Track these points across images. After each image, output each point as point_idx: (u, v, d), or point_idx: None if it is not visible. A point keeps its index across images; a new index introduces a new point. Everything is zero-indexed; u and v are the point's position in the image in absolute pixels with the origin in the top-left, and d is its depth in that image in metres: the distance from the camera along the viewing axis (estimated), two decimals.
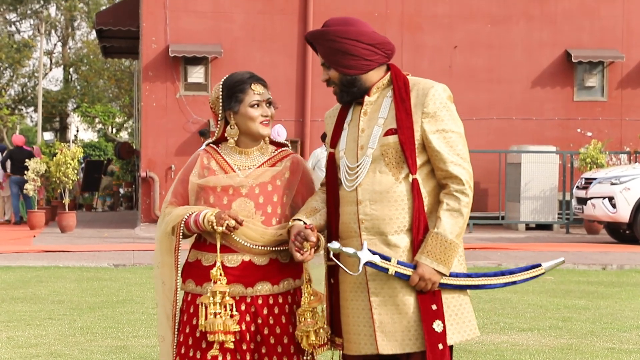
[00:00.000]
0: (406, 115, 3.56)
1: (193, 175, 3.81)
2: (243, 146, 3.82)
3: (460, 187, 3.57)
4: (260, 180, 3.76)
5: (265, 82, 3.84)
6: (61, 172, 17.36)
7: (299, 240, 3.59)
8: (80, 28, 43.40)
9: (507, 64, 19.91)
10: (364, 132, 3.64)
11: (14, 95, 42.09)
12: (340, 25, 3.65)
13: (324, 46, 3.67)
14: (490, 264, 12.79)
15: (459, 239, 3.56)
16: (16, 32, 41.57)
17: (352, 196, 3.63)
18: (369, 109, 3.66)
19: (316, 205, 3.75)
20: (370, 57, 3.63)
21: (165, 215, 3.81)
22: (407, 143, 3.55)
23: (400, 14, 19.69)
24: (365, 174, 3.60)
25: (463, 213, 3.55)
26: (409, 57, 19.48)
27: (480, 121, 19.63)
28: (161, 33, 19.28)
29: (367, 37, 3.64)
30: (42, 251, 14.04)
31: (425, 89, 3.59)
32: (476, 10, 19.82)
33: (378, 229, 3.57)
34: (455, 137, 3.59)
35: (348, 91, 3.66)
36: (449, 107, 3.60)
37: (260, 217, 3.73)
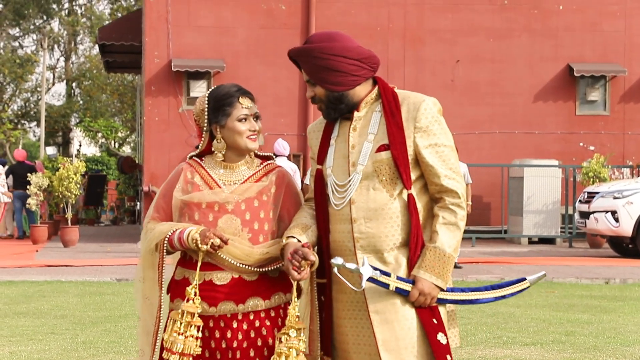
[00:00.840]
0: (398, 130, 3.50)
1: (177, 191, 3.69)
2: (228, 160, 3.72)
3: (456, 201, 3.52)
4: (246, 196, 3.65)
5: (253, 96, 3.74)
6: (64, 187, 17.38)
7: (296, 259, 3.49)
8: (83, 43, 43.55)
9: (510, 78, 19.95)
10: (355, 148, 3.57)
11: (17, 110, 42.19)
12: (324, 42, 3.57)
13: (308, 63, 3.58)
14: (493, 277, 12.77)
15: (455, 252, 3.53)
16: (19, 47, 41.70)
17: (344, 214, 3.56)
18: (358, 125, 3.59)
19: (307, 222, 3.65)
20: (357, 73, 3.56)
21: (147, 231, 3.69)
22: (401, 158, 3.49)
23: (402, 28, 19.73)
24: (354, 191, 3.53)
25: (460, 226, 3.53)
26: (411, 71, 19.52)
27: (483, 135, 19.64)
28: (164, 48, 19.33)
29: (353, 52, 3.56)
30: (44, 266, 14.04)
31: (416, 103, 3.53)
32: (478, 25, 19.87)
33: (374, 246, 3.52)
34: (447, 151, 3.54)
35: (335, 108, 3.58)
36: (440, 121, 3.55)
37: (247, 235, 3.63)
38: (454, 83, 19.77)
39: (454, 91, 19.47)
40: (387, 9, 19.67)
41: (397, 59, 19.58)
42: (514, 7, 19.95)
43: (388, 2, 19.66)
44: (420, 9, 19.80)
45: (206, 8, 19.45)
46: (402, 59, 19.62)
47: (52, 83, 43.71)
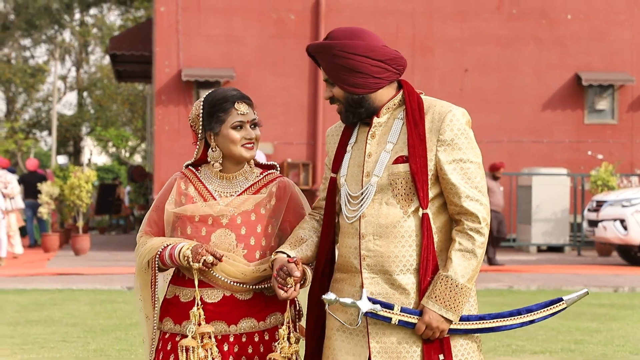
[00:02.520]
0: (419, 142, 3.17)
1: (169, 203, 3.43)
2: (224, 170, 3.45)
3: (476, 226, 3.16)
4: (242, 209, 3.39)
5: (251, 101, 3.46)
6: (75, 196, 17.49)
7: (281, 276, 3.20)
8: (94, 53, 43.72)
9: (517, 86, 20.00)
10: (371, 157, 3.25)
11: (29, 120, 42.37)
12: (346, 39, 3.23)
13: (327, 61, 3.26)
14: (502, 286, 12.81)
15: (471, 282, 3.17)
16: (31, 57, 41.89)
17: (353, 228, 3.24)
18: (377, 132, 3.26)
19: (303, 235, 3.35)
20: (380, 75, 3.23)
21: (139, 246, 3.46)
22: (419, 173, 3.16)
23: (411, 36, 19.81)
24: (368, 204, 3.21)
25: (477, 254, 3.16)
26: (420, 80, 19.59)
27: (491, 143, 19.69)
28: (174, 57, 19.44)
29: (377, 53, 3.22)
30: (56, 274, 14.13)
31: (442, 113, 3.19)
32: (486, 34, 19.93)
33: (382, 266, 3.19)
34: (473, 168, 3.20)
35: (354, 111, 3.26)
36: (468, 134, 3.22)
37: (242, 251, 3.37)
38: (462, 92, 19.83)
39: (462, 100, 19.52)
40: (396, 18, 19.75)
41: (406, 68, 19.64)
42: (522, 16, 20.01)
43: (396, 11, 19.74)
44: (428, 18, 19.88)
45: (216, 18, 19.56)
46: (410, 68, 19.69)
47: (64, 93, 43.89)
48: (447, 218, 3.23)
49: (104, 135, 39.74)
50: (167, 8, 19.52)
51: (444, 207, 3.22)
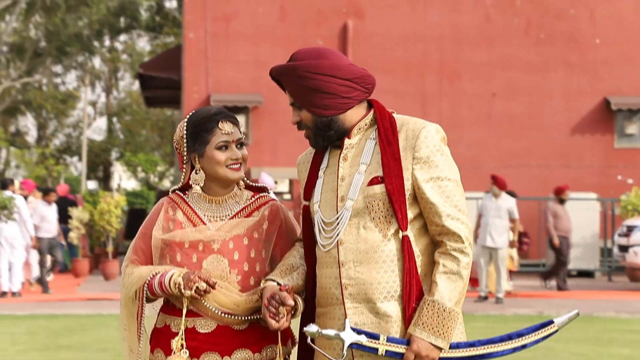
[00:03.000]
0: (394, 161, 3.02)
1: (156, 229, 3.25)
2: (212, 194, 3.26)
3: (459, 246, 3.00)
4: (234, 233, 3.21)
5: (236, 120, 3.29)
6: (105, 221, 17.61)
7: (273, 305, 3.03)
8: (124, 79, 44.13)
9: (546, 111, 19.94)
10: (344, 180, 3.08)
11: (59, 145, 42.77)
12: (310, 59, 3.10)
13: (292, 84, 3.11)
14: (532, 312, 12.73)
15: (458, 306, 3.01)
16: (61, 83, 42.35)
17: (331, 257, 3.06)
18: (349, 153, 3.10)
19: (293, 262, 3.18)
20: (349, 94, 3.07)
21: (125, 275, 3.25)
22: (396, 194, 2.99)
23: (438, 61, 19.83)
24: (343, 230, 3.04)
25: (463, 275, 3.00)
26: (447, 105, 19.59)
27: (520, 168, 19.62)
28: (202, 83, 19.59)
29: (343, 71, 3.07)
30: (86, 299, 14.22)
31: (415, 130, 3.04)
32: (514, 58, 19.92)
33: (365, 295, 3.01)
34: (451, 186, 3.03)
35: (324, 135, 3.10)
36: (444, 151, 3.05)
37: (235, 277, 3.18)
38: (490, 117, 19.80)
39: (490, 125, 19.49)
40: (423, 43, 19.79)
41: (433, 93, 19.67)
42: (550, 40, 19.99)
43: (424, 36, 19.79)
44: (456, 42, 19.90)
45: (244, 44, 19.71)
46: (438, 93, 19.70)
47: (93, 118, 44.31)
48: (429, 240, 3.07)
49: (133, 160, 40.02)
50: (196, 34, 19.70)
51: (425, 229, 3.07)
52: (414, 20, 19.78)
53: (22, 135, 42.70)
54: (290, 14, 19.77)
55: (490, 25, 19.94)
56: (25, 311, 12.71)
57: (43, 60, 37.32)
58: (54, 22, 34.59)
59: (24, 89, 38.54)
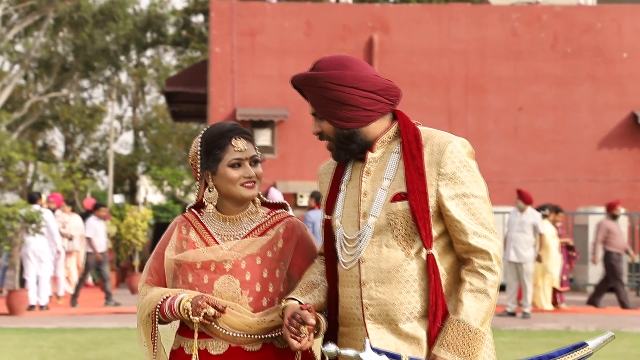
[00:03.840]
0: (418, 176, 2.90)
1: (169, 250, 3.17)
2: (226, 212, 3.16)
3: (487, 263, 2.88)
4: (247, 253, 3.10)
5: (251, 136, 3.17)
6: (131, 234, 17.70)
7: (294, 325, 2.90)
8: (150, 93, 44.41)
9: (573, 125, 19.86)
10: (367, 195, 2.97)
11: (86, 159, 43.07)
12: (333, 69, 2.98)
13: (314, 94, 2.99)
14: (559, 327, 12.65)
15: (484, 325, 2.87)
16: (89, 98, 42.68)
17: (352, 275, 2.95)
18: (372, 168, 2.99)
19: (314, 279, 3.07)
20: (372, 107, 2.95)
21: (140, 296, 3.19)
22: (420, 211, 2.88)
23: (464, 76, 19.82)
24: (365, 248, 2.93)
25: (490, 294, 2.87)
26: (473, 119, 19.56)
27: (547, 182, 19.53)
28: (229, 97, 19.68)
29: (367, 83, 2.96)
30: (113, 313, 14.27)
31: (441, 145, 2.92)
32: (541, 73, 19.87)
33: (386, 315, 2.90)
34: (478, 203, 2.91)
35: (346, 148, 2.99)
36: (470, 167, 2.93)
37: (247, 298, 3.08)
38: (516, 131, 19.74)
39: (517, 139, 19.43)
40: (449, 58, 19.79)
41: (459, 107, 19.64)
42: (577, 55, 19.92)
43: (450, 51, 19.78)
44: (482, 57, 19.88)
45: (270, 58, 19.78)
46: (464, 107, 19.68)
47: (120, 132, 44.59)
48: (455, 259, 2.95)
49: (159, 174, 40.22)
50: (222, 49, 19.80)
51: (450, 247, 2.95)
52: (440, 34, 19.78)
53: (49, 149, 43.04)
54: (316, 29, 19.83)
55: (517, 39, 19.90)
56: (53, 324, 12.78)
57: (70, 75, 37.63)
58: (82, 37, 34.89)
59: (51, 104, 38.87)
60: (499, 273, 2.91)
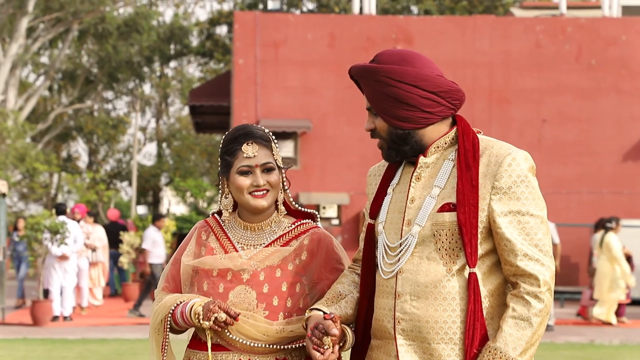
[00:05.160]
0: (471, 188, 2.68)
1: (186, 255, 3.02)
2: (247, 220, 3.00)
3: (534, 289, 2.65)
4: (267, 264, 2.93)
5: (266, 141, 2.98)
6: None
7: (316, 336, 2.72)
8: (174, 104, 44.59)
9: (597, 137, 19.76)
10: (414, 202, 2.77)
11: (110, 170, 43.27)
12: (395, 64, 2.78)
13: (371, 88, 2.81)
14: (583, 339, 12.57)
15: (524, 356, 2.63)
16: (112, 109, 42.91)
17: (389, 286, 2.77)
18: (423, 173, 2.79)
19: (342, 290, 2.88)
20: (431, 109, 2.76)
21: (155, 303, 3.05)
22: (468, 225, 2.67)
23: (488, 88, 19.77)
24: (407, 258, 2.73)
25: (532, 323, 2.63)
26: (497, 131, 19.49)
27: (570, 194, 19.43)
28: (252, 108, 19.72)
29: (429, 83, 2.75)
30: (136, 323, 14.30)
31: (499, 156, 2.71)
32: (565, 85, 19.79)
33: (419, 332, 2.70)
34: (533, 223, 2.67)
35: (398, 149, 2.80)
36: (530, 182, 2.70)
37: (263, 312, 2.90)
38: (540, 143, 19.66)
39: (540, 151, 19.35)
40: (473, 69, 19.75)
41: (483, 119, 19.60)
42: (601, 66, 19.83)
43: (473, 62, 19.75)
44: (505, 68, 19.83)
45: (293, 69, 19.82)
46: (488, 119, 19.63)
47: (143, 144, 44.78)
48: (501, 280, 2.73)
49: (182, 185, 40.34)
50: (245, 61, 19.86)
51: (497, 267, 2.73)
52: (464, 46, 19.76)
53: (73, 160, 43.28)
54: (339, 40, 19.86)
55: (541, 51, 19.85)
56: (77, 335, 12.83)
57: (94, 86, 37.86)
58: (106, 49, 35.10)
59: (75, 115, 39.11)
60: (548, 301, 2.66)
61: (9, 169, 28.82)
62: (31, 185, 34.86)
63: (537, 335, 2.65)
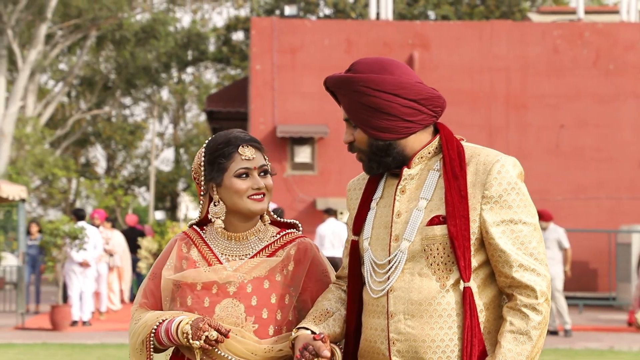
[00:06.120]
0: (460, 198, 2.58)
1: (167, 269, 2.87)
2: (232, 229, 2.87)
3: (531, 302, 2.56)
4: (253, 275, 2.81)
5: (260, 144, 2.89)
6: None
7: (306, 357, 2.61)
8: (191, 110, 44.76)
9: (616, 143, 19.69)
10: (400, 216, 2.65)
11: (127, 176, 43.45)
12: (372, 72, 2.67)
13: (348, 98, 2.69)
14: (602, 346, 12.52)
15: None
16: (130, 115, 43.11)
17: (380, 305, 2.65)
18: (408, 185, 2.67)
19: (329, 307, 2.76)
20: (412, 117, 2.65)
21: (132, 321, 2.89)
22: (460, 237, 2.56)
23: (505, 93, 19.74)
24: (398, 275, 2.61)
25: (532, 336, 2.55)
26: (514, 137, 19.46)
27: (589, 200, 19.37)
28: (269, 114, 19.77)
29: (409, 91, 2.65)
30: None
31: (487, 164, 2.61)
32: (583, 90, 19.74)
33: (415, 353, 2.59)
34: (527, 231, 2.59)
35: (379, 161, 2.68)
36: (520, 189, 2.60)
37: (252, 326, 2.79)
38: (558, 148, 19.61)
39: (558, 156, 19.30)
40: (490, 75, 19.73)
41: (500, 124, 19.57)
42: (620, 72, 19.77)
43: (490, 68, 19.73)
44: (523, 74, 19.80)
45: (311, 75, 19.86)
46: (505, 125, 19.60)
47: (161, 149, 44.95)
48: (496, 292, 2.64)
49: None
50: (262, 66, 19.92)
51: (491, 279, 2.63)
52: (481, 51, 19.75)
53: (91, 166, 43.50)
54: (356, 46, 19.89)
55: (558, 56, 19.81)
56: (96, 340, 12.89)
57: (112, 92, 38.06)
58: (124, 55, 35.29)
59: (93, 121, 39.32)
60: (546, 313, 2.58)
61: (28, 175, 29.00)
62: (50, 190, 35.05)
63: (537, 348, 2.57)
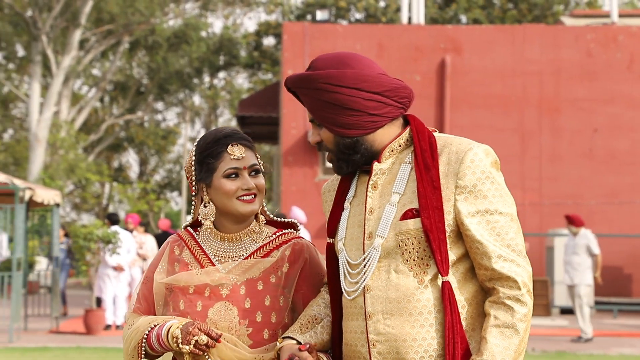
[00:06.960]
0: (432, 190, 2.48)
1: (158, 273, 2.79)
2: (225, 230, 2.77)
3: (514, 293, 2.45)
4: (247, 277, 2.72)
5: (251, 143, 2.79)
6: None
7: None
8: (223, 115, 44.92)
9: None
10: (373, 213, 2.55)
11: (160, 181, 43.69)
12: (332, 68, 2.56)
13: (310, 97, 2.57)
14: (637, 352, 12.41)
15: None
16: (162, 120, 43.37)
17: (357, 306, 2.54)
18: (379, 181, 2.57)
19: (317, 313, 2.67)
20: (378, 111, 2.53)
21: (126, 327, 2.81)
22: (435, 230, 2.46)
23: (538, 97, 19.65)
24: (371, 273, 2.51)
25: (519, 329, 2.43)
26: (547, 141, 19.36)
27: (623, 205, 19.22)
28: (300, 119, 19.80)
29: (372, 83, 2.53)
30: None
31: (459, 152, 2.50)
32: (617, 94, 19.59)
33: (396, 353, 2.48)
34: (504, 221, 2.48)
35: (348, 159, 2.57)
36: (494, 178, 2.50)
37: (246, 329, 2.69)
38: (592, 152, 19.48)
39: (592, 160, 19.18)
40: (522, 79, 19.64)
41: (533, 129, 19.47)
42: None
43: (523, 72, 19.64)
44: (556, 77, 19.70)
45: None
46: (538, 129, 19.50)
47: None
48: (478, 287, 2.52)
49: None
50: (294, 71, 19.96)
51: (472, 274, 2.52)
52: (513, 55, 19.67)
53: (124, 170, 43.81)
54: (388, 51, 19.88)
55: (592, 60, 19.68)
56: None
57: (145, 97, 38.32)
58: (156, 60, 35.51)
59: (126, 126, 39.61)
60: (530, 304, 2.47)
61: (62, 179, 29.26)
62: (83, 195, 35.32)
63: (524, 342, 2.46)
